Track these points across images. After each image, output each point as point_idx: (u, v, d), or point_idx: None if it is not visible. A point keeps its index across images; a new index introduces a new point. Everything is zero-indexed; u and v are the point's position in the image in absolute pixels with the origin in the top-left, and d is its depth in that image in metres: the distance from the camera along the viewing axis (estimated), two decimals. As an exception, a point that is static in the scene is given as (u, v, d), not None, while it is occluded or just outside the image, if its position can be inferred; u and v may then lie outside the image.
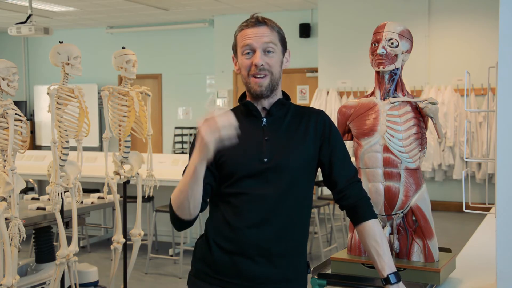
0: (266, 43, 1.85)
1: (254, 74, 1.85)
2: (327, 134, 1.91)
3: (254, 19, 1.89)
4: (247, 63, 1.86)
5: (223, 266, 1.86)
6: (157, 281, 5.21)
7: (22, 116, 3.13)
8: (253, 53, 1.86)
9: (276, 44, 1.88)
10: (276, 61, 1.88)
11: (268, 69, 1.85)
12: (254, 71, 1.85)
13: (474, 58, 8.22)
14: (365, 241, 1.89)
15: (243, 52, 1.87)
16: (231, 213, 1.85)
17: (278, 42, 1.89)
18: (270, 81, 1.86)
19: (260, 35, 1.85)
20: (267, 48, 1.86)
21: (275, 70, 1.87)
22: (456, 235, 6.75)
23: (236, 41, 1.92)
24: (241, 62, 1.89)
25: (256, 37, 1.85)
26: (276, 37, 1.88)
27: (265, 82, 1.86)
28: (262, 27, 1.87)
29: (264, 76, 1.85)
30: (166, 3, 9.56)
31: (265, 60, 1.85)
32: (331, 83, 9.15)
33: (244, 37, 1.87)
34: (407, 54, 2.19)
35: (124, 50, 3.82)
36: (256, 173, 1.83)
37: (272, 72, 1.86)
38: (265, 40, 1.85)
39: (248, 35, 1.86)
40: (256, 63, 1.84)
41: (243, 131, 1.84)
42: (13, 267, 3.09)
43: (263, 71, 1.85)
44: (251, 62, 1.85)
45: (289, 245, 1.88)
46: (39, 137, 12.46)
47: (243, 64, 1.88)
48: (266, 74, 1.85)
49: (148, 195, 4.09)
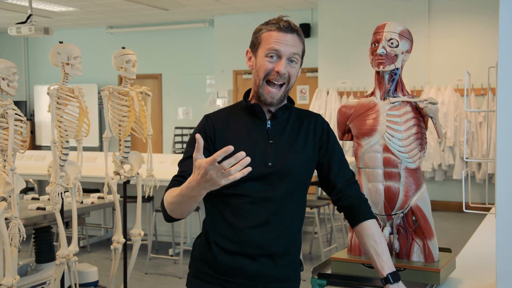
0: (293, 53, 1.84)
1: (271, 80, 1.84)
2: (325, 137, 1.94)
3: (287, 24, 1.85)
4: (268, 66, 1.84)
5: (224, 265, 1.86)
6: (157, 281, 5.21)
7: (22, 116, 3.13)
8: (278, 58, 1.84)
9: (299, 56, 1.87)
10: (296, 72, 1.88)
11: (287, 79, 1.85)
12: (273, 77, 1.83)
13: (474, 58, 8.22)
14: (363, 242, 1.89)
15: (267, 54, 1.84)
16: (231, 213, 1.86)
17: (301, 54, 1.88)
18: (285, 91, 1.86)
19: (290, 43, 1.84)
20: (292, 58, 1.85)
21: (292, 80, 1.87)
22: (456, 235, 6.75)
23: (260, 40, 1.87)
24: (261, 62, 1.85)
25: (285, 45, 1.83)
26: (301, 49, 1.88)
27: (279, 94, 1.85)
28: (294, 35, 1.85)
29: (281, 85, 1.85)
30: (166, 3, 9.56)
31: (287, 70, 1.84)
32: (331, 83, 9.15)
33: (273, 40, 1.83)
34: (407, 54, 2.18)
35: (124, 50, 3.82)
36: (260, 177, 1.83)
37: (290, 82, 1.86)
38: (293, 50, 1.84)
39: (278, 39, 1.83)
40: (279, 71, 1.82)
41: (247, 133, 1.85)
42: (13, 267, 3.09)
43: (283, 79, 1.84)
44: (273, 67, 1.84)
45: (289, 244, 1.90)
46: (39, 137, 12.46)
47: (263, 66, 1.85)
48: (284, 82, 1.85)
49: (148, 195, 4.09)
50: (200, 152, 1.55)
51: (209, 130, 1.88)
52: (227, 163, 1.50)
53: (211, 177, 1.52)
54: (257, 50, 1.88)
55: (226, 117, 1.92)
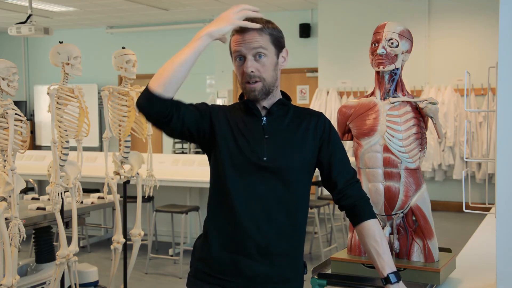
0: (255, 48, 1.83)
1: (246, 80, 1.85)
2: (326, 136, 1.92)
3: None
4: (240, 70, 1.86)
5: (224, 265, 1.86)
6: (157, 281, 5.21)
7: (22, 116, 3.13)
8: (244, 59, 1.84)
9: (266, 48, 1.84)
10: (269, 65, 1.85)
11: (258, 76, 1.84)
12: (246, 78, 1.84)
13: (474, 58, 8.22)
14: (364, 241, 1.89)
15: (235, 59, 1.87)
16: (230, 212, 1.86)
17: (269, 45, 1.85)
18: (263, 86, 1.85)
19: (249, 40, 1.82)
20: (258, 53, 1.83)
21: (267, 74, 1.85)
22: (456, 235, 6.74)
23: (230, 47, 1.90)
24: (235, 68, 1.89)
25: (244, 43, 1.83)
26: (267, 40, 1.84)
27: (258, 87, 1.85)
28: (251, 32, 1.83)
29: (256, 82, 1.84)
30: (166, 3, 9.56)
31: (256, 66, 1.83)
32: (331, 83, 9.15)
33: (234, 44, 1.86)
34: (407, 54, 2.19)
35: (124, 50, 3.82)
36: (255, 171, 1.84)
37: (264, 78, 1.84)
38: (254, 45, 1.83)
39: (237, 41, 1.84)
40: (246, 70, 1.83)
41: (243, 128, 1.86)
42: (13, 267, 3.09)
43: (254, 78, 1.83)
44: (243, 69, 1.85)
45: (288, 244, 1.89)
46: (39, 137, 12.45)
47: (237, 71, 1.88)
48: (257, 80, 1.84)
49: (148, 195, 4.09)
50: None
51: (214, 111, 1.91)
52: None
53: (233, 14, 1.78)
54: (232, 58, 1.91)
55: (225, 112, 1.93)
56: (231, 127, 1.88)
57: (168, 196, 6.13)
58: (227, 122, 1.89)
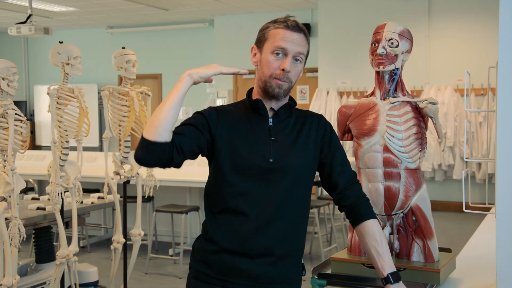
0: (299, 52, 1.86)
1: (277, 77, 1.85)
2: (327, 138, 1.94)
3: (294, 24, 1.87)
4: (275, 64, 1.86)
5: (225, 266, 1.86)
6: (157, 281, 5.21)
7: (22, 116, 3.13)
8: (284, 56, 1.85)
9: (304, 56, 1.89)
10: (299, 71, 1.90)
11: (290, 78, 1.86)
12: (278, 75, 1.85)
13: (474, 58, 8.22)
14: (364, 241, 1.89)
15: (273, 52, 1.86)
16: (231, 213, 1.86)
17: (305, 54, 1.90)
18: (288, 88, 1.88)
19: (297, 42, 1.85)
20: (297, 57, 1.86)
21: (294, 79, 1.89)
22: (456, 235, 6.75)
23: (267, 36, 1.88)
24: (267, 59, 1.87)
25: (293, 43, 1.85)
26: (306, 49, 1.90)
27: (284, 86, 1.87)
28: (301, 35, 1.87)
29: (284, 81, 1.86)
30: (166, 3, 9.56)
31: (292, 68, 1.86)
32: (331, 83, 9.15)
33: (280, 38, 1.85)
34: (407, 54, 2.19)
35: (124, 50, 3.82)
36: (261, 173, 1.84)
37: (292, 81, 1.88)
38: (299, 50, 1.86)
39: (285, 37, 1.85)
40: (285, 68, 1.84)
41: (249, 129, 1.86)
42: (13, 267, 3.09)
43: (285, 77, 1.85)
44: (279, 65, 1.85)
45: (291, 246, 1.90)
46: (39, 137, 12.45)
47: (269, 63, 1.86)
48: (286, 81, 1.86)
49: (148, 195, 4.09)
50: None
51: (212, 118, 1.89)
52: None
53: (215, 67, 1.88)
54: (263, 46, 1.89)
55: (230, 112, 1.93)
56: (234, 130, 1.88)
57: (168, 196, 6.13)
58: (229, 126, 1.89)
